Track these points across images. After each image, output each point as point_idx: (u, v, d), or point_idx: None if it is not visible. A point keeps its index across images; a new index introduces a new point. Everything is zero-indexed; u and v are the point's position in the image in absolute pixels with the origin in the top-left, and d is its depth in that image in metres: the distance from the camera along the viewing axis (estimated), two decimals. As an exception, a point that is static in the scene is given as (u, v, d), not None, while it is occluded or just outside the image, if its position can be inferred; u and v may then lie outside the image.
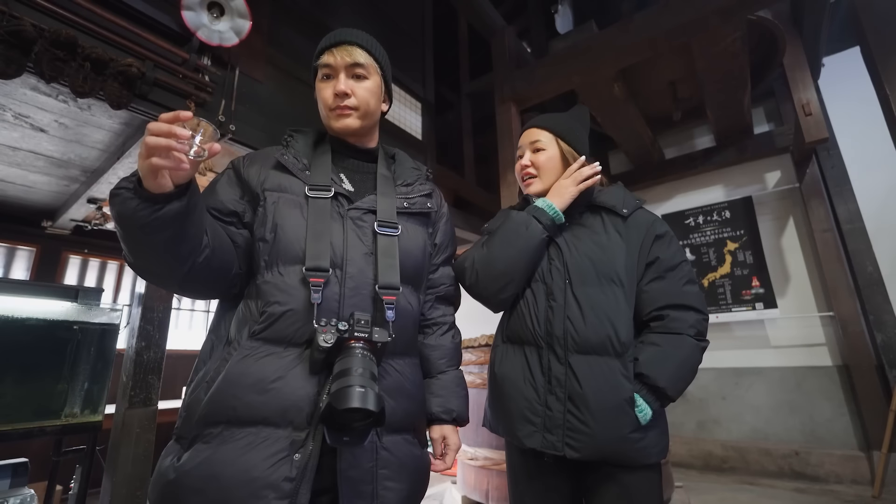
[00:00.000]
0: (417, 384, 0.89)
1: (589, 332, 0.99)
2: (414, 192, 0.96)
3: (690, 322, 1.02)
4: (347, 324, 0.73)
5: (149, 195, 0.65)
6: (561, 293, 1.04)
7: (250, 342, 0.75)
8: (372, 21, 3.38)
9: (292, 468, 0.68)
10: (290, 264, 0.78)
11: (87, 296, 1.90)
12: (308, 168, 0.88)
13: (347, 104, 0.89)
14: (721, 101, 3.43)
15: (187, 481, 0.68)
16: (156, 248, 0.70)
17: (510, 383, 1.06)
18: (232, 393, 0.71)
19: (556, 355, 1.01)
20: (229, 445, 0.69)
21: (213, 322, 0.85)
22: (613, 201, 1.12)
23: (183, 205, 0.67)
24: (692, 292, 1.05)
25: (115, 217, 0.69)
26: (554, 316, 1.03)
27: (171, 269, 0.73)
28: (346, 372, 0.67)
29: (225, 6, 2.07)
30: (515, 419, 1.02)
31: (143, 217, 0.65)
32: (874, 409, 2.99)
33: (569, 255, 1.07)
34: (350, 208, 0.85)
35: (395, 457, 0.78)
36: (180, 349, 3.72)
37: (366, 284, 0.81)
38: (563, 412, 0.97)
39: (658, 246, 1.08)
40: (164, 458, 0.73)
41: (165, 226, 0.67)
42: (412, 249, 0.90)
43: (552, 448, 0.97)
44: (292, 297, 0.76)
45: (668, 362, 0.99)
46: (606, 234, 1.09)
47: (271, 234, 0.80)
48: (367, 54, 0.91)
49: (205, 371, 0.77)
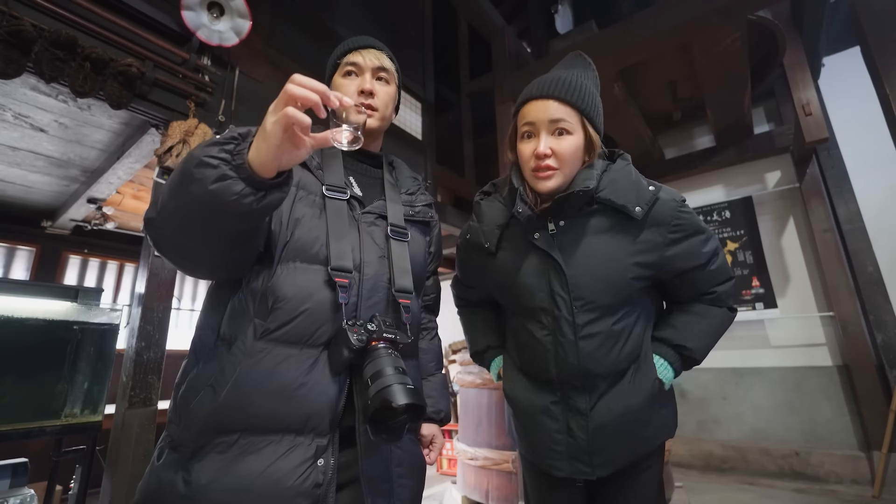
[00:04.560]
0: (420, 385, 0.93)
1: (608, 365, 0.91)
2: (417, 202, 0.98)
3: (730, 292, 1.00)
4: (374, 324, 0.74)
5: (258, 180, 0.58)
6: (569, 327, 0.90)
7: (262, 343, 0.70)
8: (372, 21, 3.38)
9: (319, 474, 0.68)
10: (310, 262, 0.76)
11: (87, 296, 1.90)
12: (321, 167, 0.87)
13: (371, 103, 0.90)
14: (721, 101, 3.43)
15: (208, 495, 0.63)
16: (225, 237, 0.63)
17: (528, 413, 0.99)
18: (252, 400, 0.67)
19: (574, 388, 0.93)
20: (252, 455, 0.66)
21: (203, 312, 0.79)
22: (623, 200, 0.89)
23: (283, 195, 0.63)
24: (726, 266, 1.00)
25: (198, 194, 0.57)
26: (566, 354, 0.91)
27: (218, 255, 0.68)
28: (382, 372, 0.68)
29: (225, 6, 2.07)
30: (540, 448, 0.98)
31: (247, 206, 0.58)
32: (874, 409, 2.99)
33: (572, 274, 0.90)
34: (364, 212, 0.86)
35: (406, 455, 0.81)
36: (180, 349, 3.72)
37: (381, 287, 0.81)
38: (587, 440, 0.92)
39: (690, 242, 0.93)
40: (164, 469, 0.68)
41: (261, 215, 0.61)
42: (417, 256, 0.92)
43: (582, 474, 0.93)
44: (311, 296, 0.73)
45: (703, 331, 0.98)
46: (617, 242, 0.91)
47: (288, 230, 0.77)
48: (391, 62, 0.96)
49: (199, 372, 0.72)
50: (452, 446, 3.12)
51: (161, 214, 0.63)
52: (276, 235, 0.76)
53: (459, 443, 2.59)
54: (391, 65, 0.95)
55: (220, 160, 0.57)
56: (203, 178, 0.57)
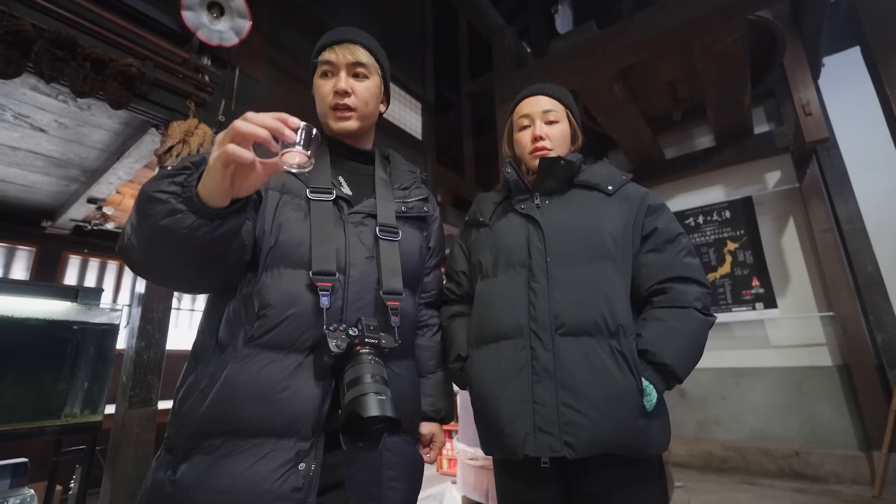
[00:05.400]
0: (415, 385, 0.91)
1: (579, 313, 0.89)
2: (411, 197, 0.95)
3: (695, 295, 0.92)
4: (357, 329, 0.73)
5: (210, 211, 0.57)
6: (543, 273, 0.94)
7: (247, 348, 0.71)
8: (372, 21, 3.38)
9: (299, 478, 0.67)
10: (294, 267, 0.76)
11: (87, 296, 1.90)
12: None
13: (347, 103, 0.87)
14: (721, 101, 3.43)
15: (189, 495, 0.65)
16: (192, 262, 0.64)
17: (488, 387, 0.93)
18: (236, 404, 0.68)
19: (541, 341, 0.89)
20: (234, 458, 0.67)
21: (204, 317, 0.81)
22: (597, 179, 1.03)
23: (240, 221, 0.62)
24: (694, 265, 0.96)
25: (151, 228, 0.58)
26: (537, 299, 0.92)
27: (193, 276, 0.70)
28: (359, 380, 0.67)
29: (225, 6, 2.07)
30: (501, 425, 0.88)
31: (202, 237, 0.58)
32: (874, 409, 2.99)
33: (549, 230, 0.98)
34: (351, 212, 0.84)
35: (398, 458, 0.79)
36: (180, 349, 3.72)
37: (369, 289, 0.80)
38: (555, 405, 0.85)
39: (654, 217, 1.00)
40: (157, 469, 0.70)
41: (223, 242, 0.61)
42: (410, 253, 0.90)
43: (548, 450, 0.83)
44: (296, 301, 0.74)
45: (675, 337, 0.88)
46: (592, 209, 0.99)
47: (272, 236, 0.77)
48: (369, 54, 0.90)
49: (196, 376, 0.73)
50: (452, 446, 3.12)
51: (127, 246, 0.65)
52: (261, 241, 0.77)
53: (459, 443, 2.59)
54: (368, 57, 0.89)
55: (169, 194, 0.57)
56: (154, 213, 0.57)
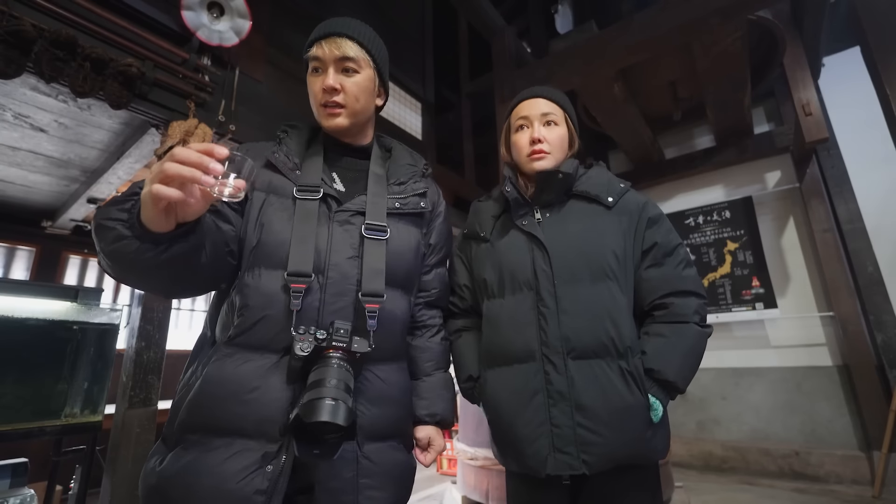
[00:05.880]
0: (404, 389, 0.87)
1: (588, 336, 0.92)
2: (407, 192, 0.91)
3: (694, 308, 0.96)
4: (326, 332, 0.71)
5: (153, 236, 0.59)
6: (551, 297, 0.95)
7: (227, 347, 0.73)
8: (372, 21, 3.35)
9: (264, 480, 0.66)
10: (272, 268, 0.75)
11: (87, 296, 1.90)
12: (299, 167, 0.85)
13: (336, 100, 0.85)
14: (721, 101, 3.43)
15: (167, 487, 0.67)
16: (159, 278, 0.67)
17: (504, 408, 0.96)
18: (211, 401, 0.70)
19: (554, 365, 0.92)
20: (208, 454, 0.68)
21: (207, 315, 0.84)
22: (597, 190, 1.03)
23: (191, 244, 0.63)
24: (691, 276, 0.99)
25: (106, 253, 0.61)
26: (548, 324, 0.94)
27: (165, 288, 0.73)
28: (319, 383, 0.64)
29: (225, 6, 2.07)
30: (521, 445, 0.92)
31: (150, 259, 0.60)
32: (874, 409, 2.99)
33: (553, 250, 0.98)
34: (338, 210, 0.82)
35: (378, 465, 0.76)
36: (180, 349, 3.71)
37: (349, 290, 0.78)
38: (572, 427, 0.88)
39: (653, 231, 1.01)
40: (151, 457, 0.73)
41: (176, 264, 0.63)
42: (403, 252, 0.86)
43: (567, 468, 0.87)
44: (271, 302, 0.73)
45: (677, 354, 0.93)
46: (593, 225, 1.00)
47: (255, 236, 0.77)
48: (359, 46, 0.86)
49: (192, 371, 0.76)
50: (452, 446, 3.12)
51: (100, 263, 0.66)
52: (245, 242, 0.78)
53: (459, 443, 2.59)
54: (357, 51, 0.86)
55: (116, 220, 0.59)
56: (104, 239, 0.60)
